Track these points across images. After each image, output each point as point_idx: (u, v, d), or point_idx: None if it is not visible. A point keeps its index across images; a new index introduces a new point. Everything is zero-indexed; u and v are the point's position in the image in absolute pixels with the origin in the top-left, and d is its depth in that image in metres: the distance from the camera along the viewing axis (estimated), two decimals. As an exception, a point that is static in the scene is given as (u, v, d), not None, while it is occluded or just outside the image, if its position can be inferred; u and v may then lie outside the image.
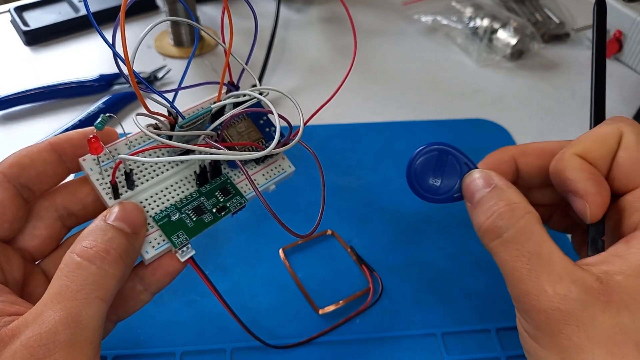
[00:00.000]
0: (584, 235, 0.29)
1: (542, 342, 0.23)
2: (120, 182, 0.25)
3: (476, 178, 0.27)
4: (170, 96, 0.25)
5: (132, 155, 0.24)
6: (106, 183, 0.24)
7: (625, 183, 0.25)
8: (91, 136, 0.23)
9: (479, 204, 0.26)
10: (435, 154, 0.30)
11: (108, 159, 0.25)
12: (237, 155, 0.23)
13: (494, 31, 0.57)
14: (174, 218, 0.25)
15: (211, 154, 0.23)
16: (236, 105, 0.26)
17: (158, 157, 0.26)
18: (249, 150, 0.28)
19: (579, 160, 0.25)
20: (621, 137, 0.25)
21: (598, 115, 0.29)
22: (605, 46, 0.31)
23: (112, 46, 0.21)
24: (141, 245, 0.24)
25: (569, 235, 0.32)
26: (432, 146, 0.30)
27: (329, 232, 0.38)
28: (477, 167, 0.29)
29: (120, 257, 0.22)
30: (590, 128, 0.28)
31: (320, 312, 0.33)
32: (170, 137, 0.24)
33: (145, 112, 0.24)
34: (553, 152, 0.27)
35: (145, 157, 0.25)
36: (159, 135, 0.24)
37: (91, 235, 0.22)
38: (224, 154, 0.23)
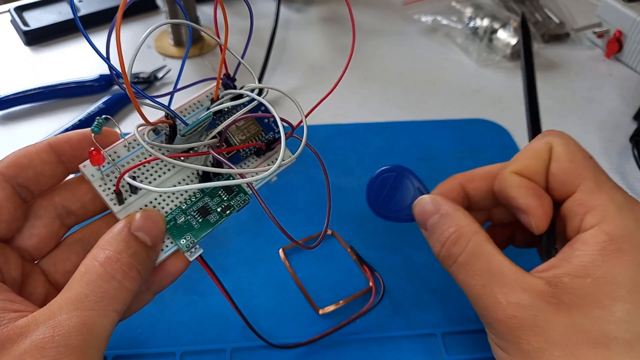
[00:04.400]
0: None
1: (508, 350, 0.24)
2: (123, 186, 0.25)
3: (425, 204, 0.29)
4: (167, 99, 0.25)
5: (137, 166, 0.24)
6: (109, 189, 0.24)
7: (562, 192, 0.26)
8: (92, 148, 0.23)
9: (432, 231, 0.28)
10: (393, 175, 0.32)
11: (108, 163, 0.25)
12: (247, 178, 0.23)
13: (494, 31, 0.57)
14: (180, 221, 0.25)
15: (224, 174, 0.23)
16: (236, 104, 0.26)
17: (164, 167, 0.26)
18: (252, 149, 0.28)
19: (518, 177, 0.27)
20: (551, 150, 0.27)
21: (535, 131, 0.31)
22: (533, 70, 0.33)
23: (107, 59, 0.21)
24: (157, 257, 0.24)
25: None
26: (393, 167, 0.32)
27: (329, 232, 0.38)
28: (429, 193, 0.31)
29: (140, 274, 0.23)
30: (529, 142, 0.30)
31: (321, 312, 0.33)
32: (172, 143, 0.24)
33: (144, 122, 0.24)
34: (497, 174, 0.28)
35: (151, 185, 0.25)
36: (160, 148, 0.24)
37: (115, 245, 0.23)
38: (238, 182, 0.23)
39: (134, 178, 0.24)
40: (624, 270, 0.23)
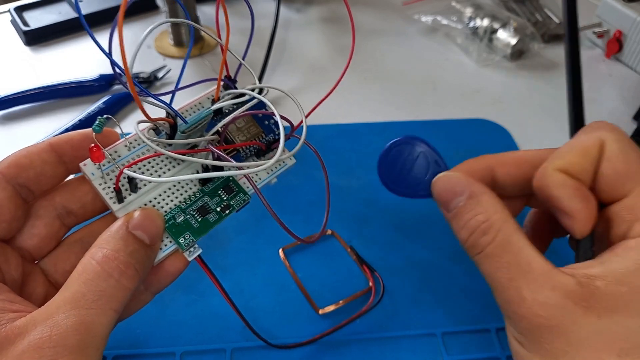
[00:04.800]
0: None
1: (528, 347, 0.23)
2: (122, 185, 0.24)
3: (450, 182, 0.27)
4: (168, 98, 0.25)
5: (136, 162, 0.24)
6: (109, 187, 0.24)
7: (611, 194, 0.25)
8: (92, 145, 0.23)
9: (457, 215, 0.26)
10: (408, 147, 0.30)
11: (109, 162, 0.25)
12: (246, 170, 0.23)
13: (494, 31, 0.57)
14: (179, 220, 0.25)
15: (222, 167, 0.23)
16: (236, 104, 0.26)
17: (168, 165, 0.26)
18: (252, 150, 0.28)
19: (562, 175, 0.25)
20: (603, 147, 0.24)
21: (577, 121, 0.28)
22: (578, 40, 0.29)
23: (109, 55, 0.21)
24: (155, 256, 0.24)
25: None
26: (406, 138, 0.30)
27: (329, 232, 0.38)
28: (447, 168, 0.29)
29: (137, 272, 0.23)
30: (570, 135, 0.27)
31: (321, 312, 0.33)
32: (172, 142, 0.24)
33: (145, 118, 0.23)
34: (532, 162, 0.27)
35: (150, 175, 0.25)
36: (159, 143, 0.24)
37: (113, 243, 0.22)
38: (235, 173, 0.23)
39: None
40: None
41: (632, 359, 0.21)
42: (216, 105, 0.25)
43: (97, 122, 0.23)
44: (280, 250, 0.37)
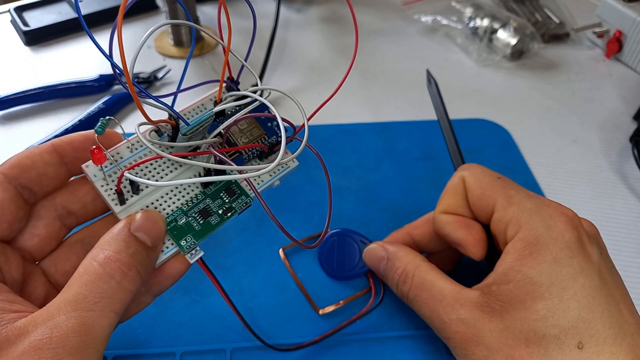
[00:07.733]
0: None
1: None
2: (125, 186, 0.24)
3: (374, 251, 0.33)
4: (170, 99, 0.25)
5: (137, 164, 0.24)
6: (111, 189, 0.24)
7: (484, 215, 0.29)
8: (94, 147, 0.23)
9: (384, 275, 0.32)
10: (335, 239, 0.36)
11: (111, 163, 0.24)
12: (248, 174, 0.23)
13: (494, 31, 0.57)
14: (180, 222, 0.25)
15: (224, 170, 0.24)
16: (239, 105, 0.26)
17: (170, 167, 0.26)
18: (255, 152, 0.28)
19: (446, 216, 0.30)
20: (464, 182, 0.30)
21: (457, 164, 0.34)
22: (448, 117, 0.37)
23: (109, 57, 0.21)
24: (157, 258, 0.24)
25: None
26: (333, 233, 0.36)
27: (329, 232, 0.38)
28: (371, 241, 0.34)
29: (139, 274, 0.23)
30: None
31: (321, 312, 0.33)
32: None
33: (146, 121, 0.23)
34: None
35: (152, 177, 0.25)
36: (161, 145, 0.24)
37: (114, 245, 0.22)
38: (236, 177, 0.23)
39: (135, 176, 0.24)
40: (540, 270, 0.25)
41: (538, 346, 0.24)
42: (218, 108, 0.25)
43: (99, 123, 0.23)
44: (281, 250, 0.37)
